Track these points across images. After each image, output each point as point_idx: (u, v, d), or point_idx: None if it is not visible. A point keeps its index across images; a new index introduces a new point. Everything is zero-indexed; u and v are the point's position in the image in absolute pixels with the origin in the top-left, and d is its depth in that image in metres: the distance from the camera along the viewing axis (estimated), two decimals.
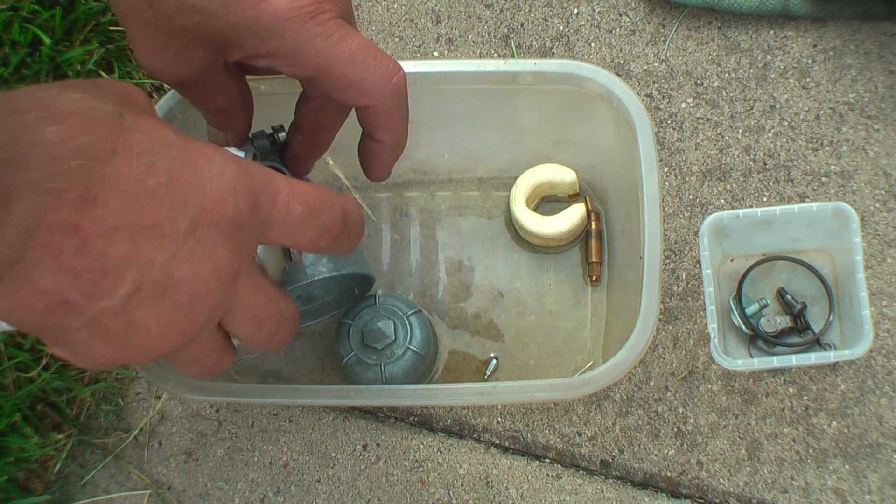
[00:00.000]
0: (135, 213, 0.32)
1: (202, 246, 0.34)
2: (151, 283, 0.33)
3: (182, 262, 0.34)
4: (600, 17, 0.79)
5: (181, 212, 0.33)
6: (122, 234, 0.32)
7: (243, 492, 0.72)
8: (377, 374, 0.66)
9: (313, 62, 0.45)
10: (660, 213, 0.58)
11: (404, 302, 0.69)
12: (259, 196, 0.37)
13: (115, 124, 0.32)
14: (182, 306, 0.35)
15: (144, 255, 0.33)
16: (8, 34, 0.72)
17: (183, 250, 0.34)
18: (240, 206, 0.36)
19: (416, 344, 0.67)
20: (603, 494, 0.70)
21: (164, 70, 0.44)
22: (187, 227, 0.34)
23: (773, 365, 0.64)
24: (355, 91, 0.47)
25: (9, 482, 0.69)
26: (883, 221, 0.73)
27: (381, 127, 0.50)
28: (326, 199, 0.41)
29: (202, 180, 0.34)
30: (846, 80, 0.76)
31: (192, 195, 0.34)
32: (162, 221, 0.33)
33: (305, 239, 0.40)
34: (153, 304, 0.34)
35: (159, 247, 0.33)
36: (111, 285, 0.32)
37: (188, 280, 0.34)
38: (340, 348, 0.67)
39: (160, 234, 0.33)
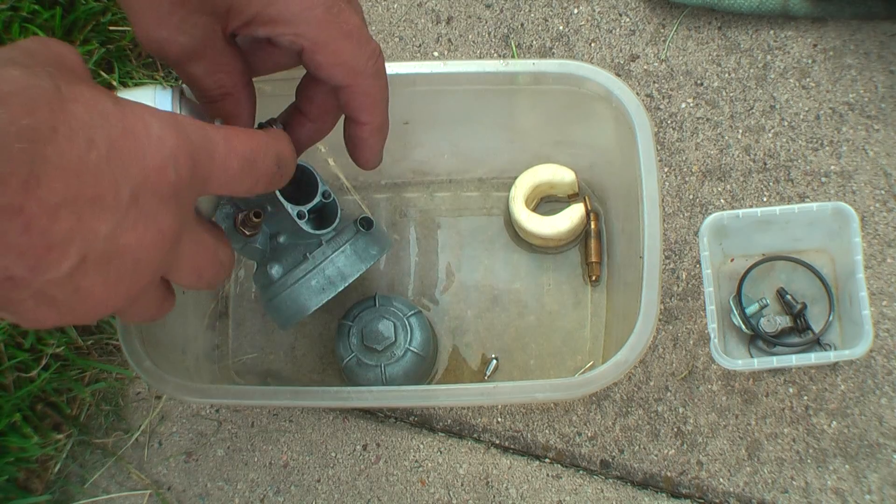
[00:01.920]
0: (77, 188, 0.33)
1: (145, 214, 0.35)
2: (96, 253, 0.34)
3: (126, 232, 0.35)
4: (600, 17, 0.79)
5: (123, 183, 0.34)
6: (66, 211, 0.32)
7: (243, 492, 0.72)
8: (377, 375, 0.66)
9: (313, 32, 0.45)
10: (660, 213, 0.58)
11: (404, 303, 0.69)
12: (198, 156, 0.38)
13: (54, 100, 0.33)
14: (126, 272, 0.36)
15: (88, 229, 0.33)
16: (8, 34, 0.72)
17: (126, 220, 0.35)
18: (180, 171, 0.36)
19: (417, 345, 0.67)
20: (603, 494, 0.70)
21: (169, 40, 0.44)
22: (129, 198, 0.34)
23: (773, 365, 0.64)
24: (345, 69, 0.48)
25: (9, 482, 0.69)
26: (883, 221, 0.73)
27: (366, 108, 0.50)
28: (261, 147, 0.42)
29: (142, 149, 0.35)
30: (846, 80, 0.76)
31: (132, 165, 0.34)
32: (104, 194, 0.34)
33: (243, 187, 0.41)
34: (98, 273, 0.35)
35: (103, 219, 0.34)
36: (56, 259, 0.33)
37: (132, 247, 0.35)
38: (340, 349, 0.67)
39: (103, 207, 0.34)
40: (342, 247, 0.61)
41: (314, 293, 0.61)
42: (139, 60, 0.79)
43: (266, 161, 0.42)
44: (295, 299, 0.61)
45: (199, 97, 0.48)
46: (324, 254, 0.60)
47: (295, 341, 0.74)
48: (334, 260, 0.61)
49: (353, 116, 0.51)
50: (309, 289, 0.61)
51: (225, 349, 0.74)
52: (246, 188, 0.42)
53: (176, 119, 0.37)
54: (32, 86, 0.33)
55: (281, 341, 0.74)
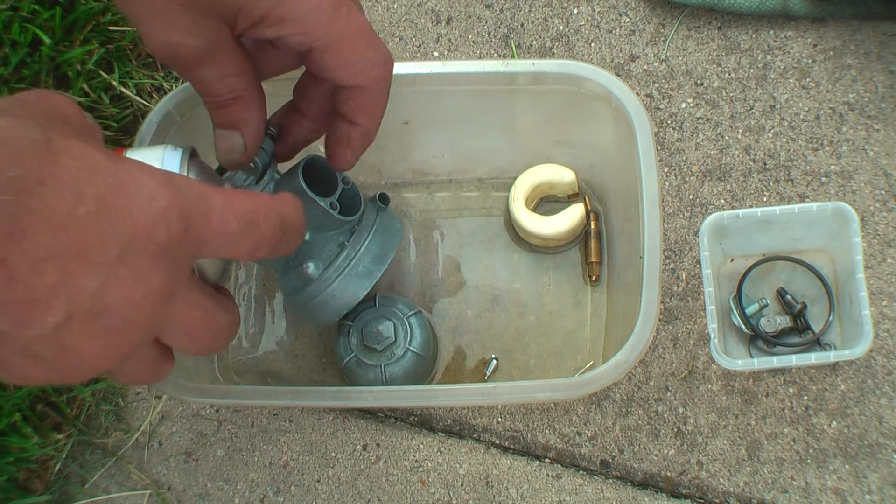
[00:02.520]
0: (63, 242, 0.32)
1: (134, 272, 0.34)
2: (82, 310, 0.33)
3: (114, 289, 0.34)
4: (600, 17, 0.79)
5: (111, 239, 0.33)
6: (51, 265, 0.32)
7: (243, 492, 0.72)
8: (377, 375, 0.66)
9: (320, 32, 0.45)
10: (660, 213, 0.58)
11: (404, 303, 0.69)
12: (192, 217, 0.36)
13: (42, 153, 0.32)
14: (115, 330, 0.35)
15: (74, 284, 0.33)
16: (8, 34, 0.72)
17: (114, 277, 0.34)
18: (172, 230, 0.35)
19: (417, 345, 0.67)
20: (603, 494, 0.70)
21: (180, 44, 0.44)
22: (118, 255, 0.34)
23: (773, 365, 0.64)
24: (352, 70, 0.47)
25: (9, 482, 0.69)
26: (883, 221, 0.73)
27: (366, 110, 0.50)
28: (263, 210, 0.40)
29: (132, 206, 0.34)
30: (846, 80, 0.76)
31: (122, 222, 0.34)
32: (92, 249, 0.33)
33: (242, 251, 0.40)
34: (85, 330, 0.34)
35: (90, 274, 0.33)
36: (40, 315, 0.32)
37: (120, 306, 0.34)
38: (340, 349, 0.67)
39: (90, 262, 0.33)
40: (373, 227, 0.61)
41: (361, 279, 0.61)
42: (139, 60, 0.79)
43: (268, 224, 0.40)
44: (343, 290, 0.61)
45: (210, 102, 0.48)
46: (360, 238, 0.60)
47: (295, 341, 0.74)
48: (371, 242, 0.61)
49: (349, 117, 0.50)
50: (357, 275, 0.61)
51: (225, 349, 0.74)
52: (246, 252, 0.40)
53: (170, 177, 0.36)
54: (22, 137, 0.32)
55: (281, 341, 0.74)
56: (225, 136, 0.49)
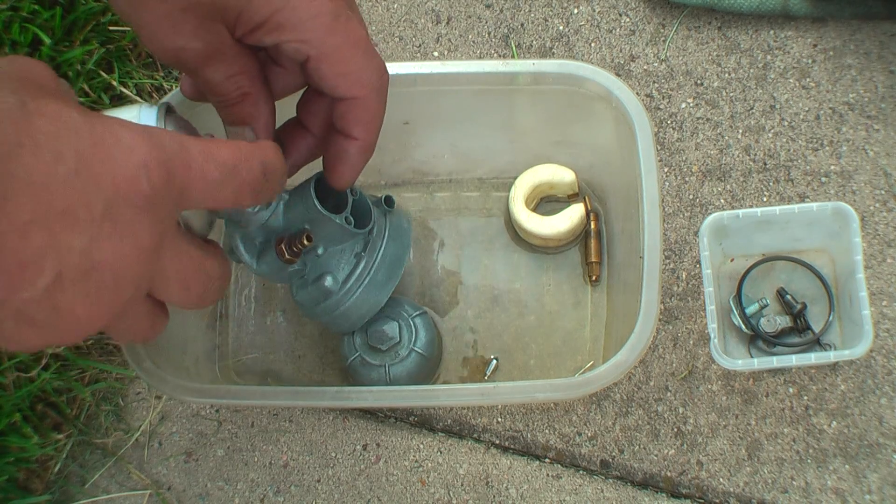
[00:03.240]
0: (47, 203, 0.32)
1: (120, 226, 0.34)
2: (72, 269, 0.33)
3: (101, 245, 0.34)
4: (600, 17, 0.79)
5: (94, 195, 0.33)
6: (36, 227, 0.32)
7: (243, 492, 0.72)
8: (381, 375, 0.66)
9: (319, 39, 0.45)
10: (660, 213, 0.58)
11: (410, 303, 0.69)
12: (172, 166, 0.37)
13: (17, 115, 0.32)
14: (106, 287, 0.35)
15: (62, 243, 0.33)
16: (8, 34, 0.72)
17: (101, 233, 0.34)
18: (154, 181, 0.35)
19: (421, 346, 0.67)
20: (603, 494, 0.70)
21: (185, 48, 0.44)
22: (102, 210, 0.34)
23: (773, 365, 0.64)
24: (350, 80, 0.47)
25: (9, 482, 0.69)
26: (883, 221, 0.73)
27: (363, 122, 0.50)
28: (243, 155, 0.40)
29: (112, 160, 0.34)
30: (846, 80, 0.76)
31: (103, 177, 0.34)
32: (76, 207, 0.33)
33: (226, 198, 0.40)
34: (76, 289, 0.34)
35: (76, 233, 0.33)
36: (30, 277, 0.32)
37: (110, 261, 0.35)
38: (345, 349, 0.67)
39: (75, 221, 0.33)
40: (385, 232, 0.61)
41: (382, 286, 0.62)
42: (139, 60, 0.79)
43: (250, 170, 0.40)
44: (366, 300, 0.62)
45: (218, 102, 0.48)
46: (375, 247, 0.61)
47: (295, 341, 0.74)
48: (386, 248, 0.61)
49: (346, 130, 0.50)
50: (377, 284, 0.62)
51: (225, 349, 0.74)
52: (229, 199, 0.40)
53: (148, 130, 0.36)
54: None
55: (281, 341, 0.74)
56: (236, 132, 0.49)
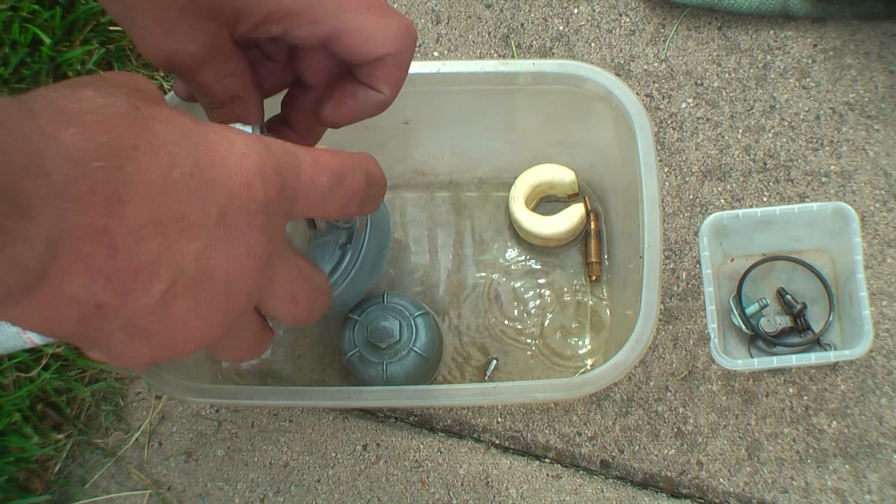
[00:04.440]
0: (162, 207, 0.31)
1: (233, 232, 0.34)
2: (186, 276, 0.33)
3: (215, 251, 0.33)
4: (600, 17, 0.79)
5: (209, 200, 0.33)
6: (152, 231, 0.31)
7: (243, 492, 0.72)
8: (379, 372, 0.66)
9: (332, 15, 0.44)
10: (659, 213, 0.58)
11: (412, 302, 0.69)
12: (285, 173, 0.36)
13: (131, 118, 0.32)
14: (219, 296, 0.34)
15: (176, 249, 0.32)
16: (8, 34, 0.72)
17: (215, 239, 0.33)
18: (268, 188, 0.35)
19: (420, 346, 0.67)
20: (603, 494, 0.70)
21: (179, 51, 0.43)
22: (217, 215, 0.33)
23: (773, 365, 0.64)
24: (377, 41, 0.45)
25: (9, 482, 0.69)
26: (883, 221, 0.73)
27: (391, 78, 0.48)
28: (349, 164, 0.40)
29: (226, 165, 0.34)
30: (846, 80, 0.76)
31: (218, 182, 0.33)
32: (190, 212, 0.32)
33: (334, 207, 0.39)
34: (189, 297, 0.33)
35: (191, 238, 0.32)
36: (145, 284, 0.32)
37: (223, 268, 0.34)
38: (345, 344, 0.67)
39: (190, 226, 0.32)
40: (367, 222, 0.62)
41: (368, 275, 0.63)
42: (139, 61, 0.79)
43: (356, 178, 0.40)
44: (352, 290, 0.63)
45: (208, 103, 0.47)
46: (360, 237, 0.62)
47: (295, 341, 0.74)
48: (370, 238, 0.62)
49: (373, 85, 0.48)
50: (363, 273, 0.62)
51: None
52: (337, 208, 0.39)
53: (259, 137, 0.36)
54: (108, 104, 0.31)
55: (281, 341, 0.74)
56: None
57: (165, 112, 0.33)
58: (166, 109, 0.33)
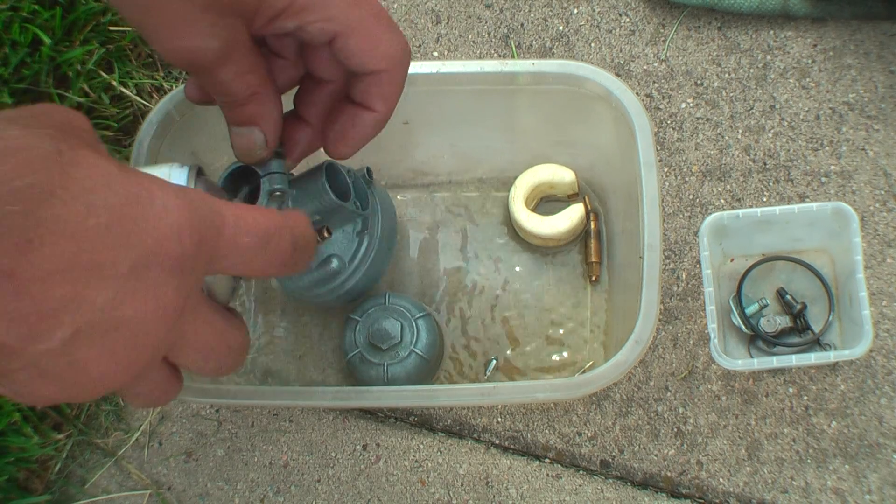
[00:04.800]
0: (73, 255, 0.31)
1: (145, 286, 0.34)
2: (92, 324, 0.33)
3: (124, 303, 0.33)
4: (600, 17, 0.79)
5: (123, 252, 0.33)
6: (61, 277, 0.31)
7: (243, 492, 0.72)
8: (380, 373, 0.66)
9: (344, 14, 0.45)
10: (659, 213, 0.58)
11: (414, 304, 0.69)
12: (205, 231, 0.36)
13: (53, 163, 0.31)
14: (125, 346, 0.34)
15: (84, 297, 0.32)
16: (8, 34, 0.72)
17: (125, 291, 0.33)
18: (184, 244, 0.35)
19: (421, 347, 0.67)
20: (603, 494, 0.70)
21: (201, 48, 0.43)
22: (129, 268, 0.33)
23: (773, 365, 0.64)
24: (377, 54, 0.46)
25: (9, 482, 0.69)
26: (883, 221, 0.73)
27: (385, 96, 0.49)
28: (275, 227, 0.39)
29: (144, 219, 0.33)
30: (846, 80, 0.76)
31: (134, 234, 0.33)
32: (103, 262, 0.32)
33: (254, 268, 0.39)
34: (94, 346, 0.33)
35: (100, 288, 0.32)
36: (48, 328, 0.32)
37: (131, 320, 0.34)
38: (346, 344, 0.67)
39: (101, 276, 0.32)
40: (378, 206, 0.65)
41: (384, 258, 0.67)
42: (139, 60, 0.79)
43: (281, 242, 0.40)
44: (371, 273, 0.66)
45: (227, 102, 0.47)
46: (374, 223, 0.64)
47: (295, 341, 0.74)
48: (382, 222, 0.65)
49: (366, 103, 0.49)
50: (379, 257, 0.65)
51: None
52: (258, 269, 0.39)
53: (183, 190, 0.36)
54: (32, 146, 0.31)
55: (281, 341, 0.74)
56: (244, 133, 0.48)
57: (90, 158, 0.33)
58: (92, 155, 0.33)
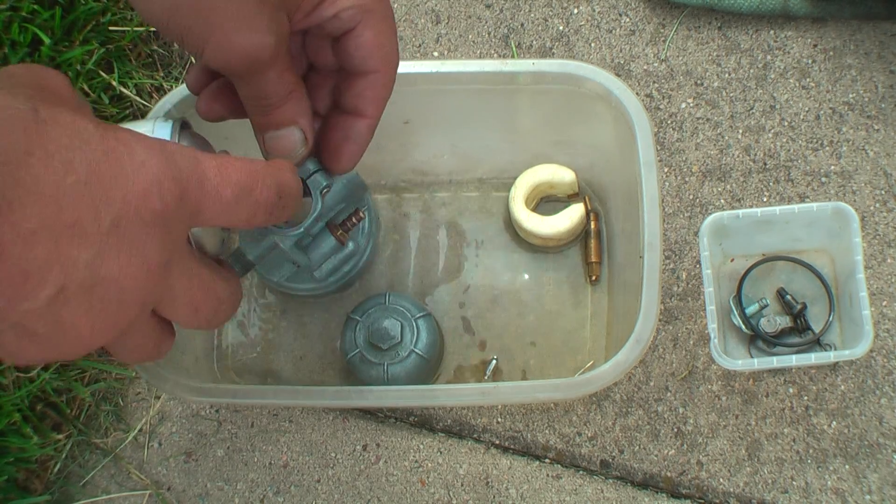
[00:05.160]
0: (54, 214, 0.31)
1: (128, 242, 0.34)
2: (76, 282, 0.33)
3: (108, 260, 0.33)
4: (600, 17, 0.79)
5: (103, 209, 0.33)
6: (42, 237, 0.31)
7: (243, 492, 0.72)
8: (380, 373, 0.66)
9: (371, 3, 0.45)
10: (659, 213, 0.58)
11: (414, 303, 0.69)
12: (186, 183, 0.36)
13: (29, 123, 0.32)
14: (111, 303, 0.34)
15: (66, 256, 0.32)
16: (8, 34, 0.72)
17: (108, 247, 0.33)
18: (165, 198, 0.35)
19: (422, 347, 0.67)
20: (603, 494, 0.70)
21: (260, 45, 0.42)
22: (110, 224, 0.33)
23: (773, 365, 0.64)
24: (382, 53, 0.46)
25: (9, 482, 0.69)
26: (883, 221, 0.73)
27: (377, 100, 0.48)
28: (258, 175, 0.39)
29: (124, 174, 0.33)
30: (846, 80, 0.76)
31: (113, 190, 0.33)
32: (83, 220, 0.32)
33: (239, 218, 0.39)
34: (79, 303, 0.33)
35: (82, 246, 0.32)
36: (33, 288, 0.32)
37: (115, 277, 0.34)
38: (346, 344, 0.67)
39: (82, 233, 0.32)
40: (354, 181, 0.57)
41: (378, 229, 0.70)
42: (139, 60, 0.79)
43: (264, 190, 0.39)
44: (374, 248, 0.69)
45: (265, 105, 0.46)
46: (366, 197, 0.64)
47: (295, 341, 0.74)
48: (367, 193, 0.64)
49: (358, 108, 0.49)
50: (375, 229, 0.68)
51: (225, 349, 0.74)
52: (243, 219, 0.39)
53: (163, 144, 0.36)
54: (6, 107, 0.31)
55: (281, 341, 0.74)
56: (282, 134, 0.47)
57: (66, 115, 0.33)
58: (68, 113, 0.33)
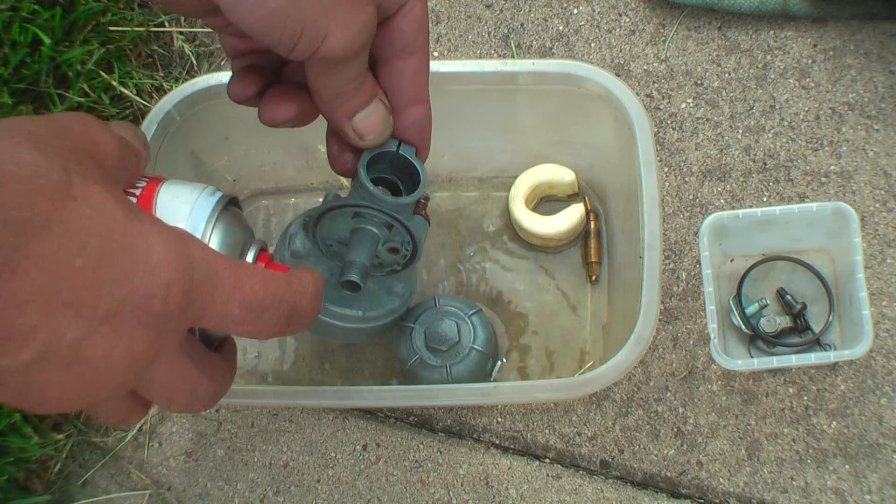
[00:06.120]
0: (53, 290, 0.31)
1: (118, 332, 0.34)
2: (57, 355, 0.33)
3: (94, 343, 0.33)
4: (600, 17, 0.79)
5: (104, 297, 0.33)
6: (35, 308, 0.31)
7: (243, 492, 0.72)
8: (443, 375, 0.66)
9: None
10: (659, 213, 0.58)
11: (463, 302, 0.69)
12: (195, 294, 0.35)
13: (57, 195, 0.32)
14: (86, 381, 0.34)
15: (54, 330, 0.32)
16: (8, 34, 0.72)
17: (97, 333, 0.33)
18: (169, 304, 0.34)
19: (480, 343, 0.67)
20: (603, 494, 0.70)
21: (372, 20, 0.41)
22: (106, 313, 0.33)
23: (773, 365, 0.64)
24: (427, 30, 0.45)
25: (9, 482, 0.69)
26: (883, 221, 0.73)
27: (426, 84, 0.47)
28: (274, 299, 0.38)
29: (135, 271, 0.33)
30: (846, 80, 0.76)
31: (119, 284, 0.33)
32: (81, 302, 0.32)
33: (242, 333, 0.39)
34: (55, 374, 0.33)
35: (72, 325, 0.32)
36: (12, 350, 0.32)
37: (97, 360, 0.34)
38: (403, 352, 0.67)
39: (76, 314, 0.32)
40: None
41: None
42: (139, 60, 0.79)
43: (274, 315, 0.39)
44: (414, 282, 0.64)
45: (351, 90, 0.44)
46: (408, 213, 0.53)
47: (295, 342, 0.74)
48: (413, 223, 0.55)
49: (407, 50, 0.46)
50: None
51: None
52: (244, 334, 0.39)
53: (185, 246, 0.35)
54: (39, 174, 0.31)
55: (281, 341, 0.74)
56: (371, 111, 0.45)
57: (97, 196, 0.33)
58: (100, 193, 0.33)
